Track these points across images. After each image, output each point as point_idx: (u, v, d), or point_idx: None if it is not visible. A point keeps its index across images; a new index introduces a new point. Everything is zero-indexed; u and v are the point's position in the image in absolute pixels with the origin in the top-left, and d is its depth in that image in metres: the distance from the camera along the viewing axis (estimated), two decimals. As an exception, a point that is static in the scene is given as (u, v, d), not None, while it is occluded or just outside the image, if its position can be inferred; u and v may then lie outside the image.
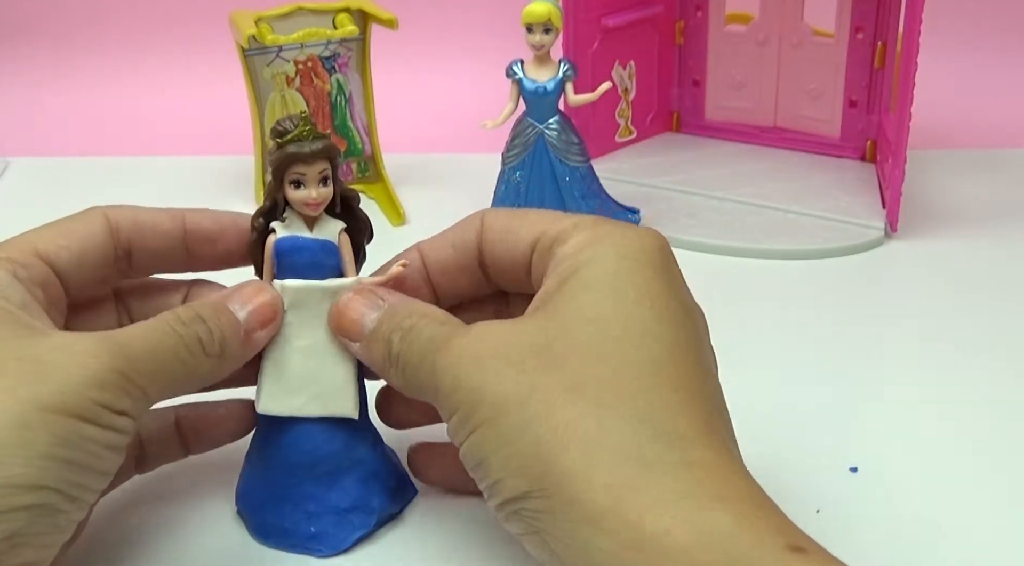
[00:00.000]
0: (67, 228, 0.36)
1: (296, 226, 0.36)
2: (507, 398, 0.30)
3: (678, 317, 0.32)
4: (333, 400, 0.37)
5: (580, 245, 0.34)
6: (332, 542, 0.37)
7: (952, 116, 0.80)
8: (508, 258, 0.36)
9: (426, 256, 0.38)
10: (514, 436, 0.30)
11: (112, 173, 0.75)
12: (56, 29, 1.02)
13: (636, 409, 0.30)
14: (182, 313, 0.34)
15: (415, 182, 0.70)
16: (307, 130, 0.35)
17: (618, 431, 0.29)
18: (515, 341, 0.31)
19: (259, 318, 0.35)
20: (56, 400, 0.30)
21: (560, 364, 0.31)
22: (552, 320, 0.32)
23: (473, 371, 0.31)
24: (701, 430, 0.30)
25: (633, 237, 0.34)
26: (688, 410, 0.30)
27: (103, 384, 0.31)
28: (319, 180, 0.35)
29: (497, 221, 0.37)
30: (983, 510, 0.39)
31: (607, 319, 0.31)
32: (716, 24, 0.73)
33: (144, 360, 0.32)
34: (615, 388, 0.30)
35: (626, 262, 0.33)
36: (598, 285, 0.32)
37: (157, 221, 0.37)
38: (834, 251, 0.60)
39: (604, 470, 0.28)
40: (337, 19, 0.66)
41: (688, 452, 0.29)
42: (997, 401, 0.46)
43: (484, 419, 0.30)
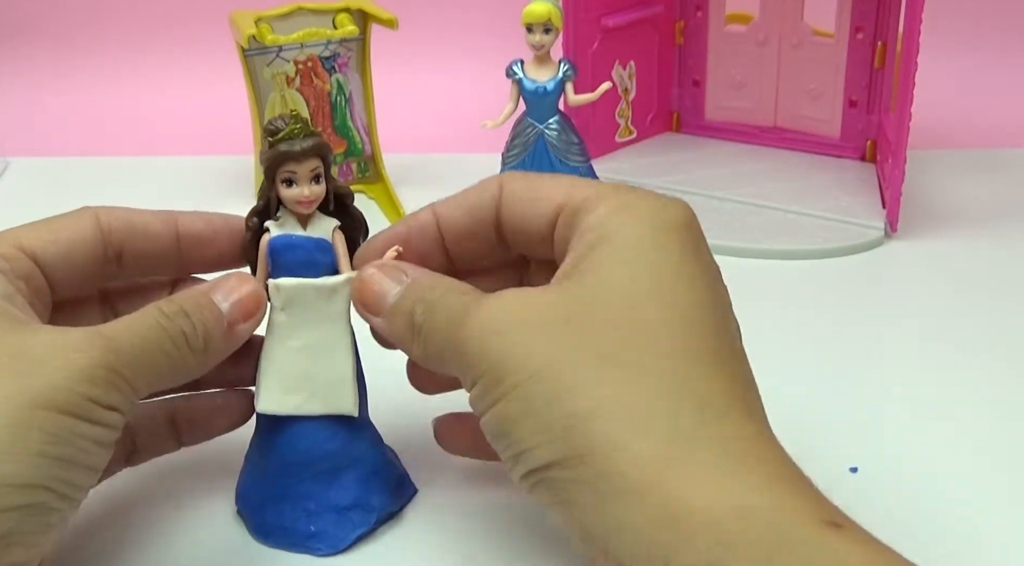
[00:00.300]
0: (55, 225, 0.36)
1: (290, 225, 0.36)
2: (539, 368, 0.29)
3: (709, 289, 0.32)
4: (332, 398, 0.37)
5: (607, 214, 0.33)
6: (332, 541, 0.37)
7: (952, 116, 0.80)
8: (529, 225, 0.35)
9: (440, 219, 0.37)
10: (544, 406, 0.29)
11: (112, 173, 0.75)
12: (56, 29, 1.02)
13: (674, 381, 0.29)
14: (165, 307, 0.34)
15: (415, 182, 0.70)
16: (298, 128, 0.35)
17: (655, 403, 0.28)
18: (544, 309, 0.31)
19: (242, 310, 0.35)
20: (47, 397, 0.29)
21: (593, 333, 0.30)
22: (582, 288, 0.31)
23: (500, 340, 0.30)
24: (738, 404, 0.29)
25: (661, 207, 0.33)
26: (724, 384, 0.30)
27: (93, 379, 0.30)
28: (311, 178, 0.35)
29: (517, 186, 0.36)
30: (983, 510, 0.39)
31: (639, 289, 0.31)
32: (716, 24, 0.73)
33: (131, 354, 0.32)
34: (652, 361, 0.29)
35: (658, 232, 0.32)
36: (629, 255, 0.32)
37: (149, 223, 0.37)
38: (834, 251, 0.60)
39: (640, 443, 0.28)
40: (337, 19, 0.66)
41: (726, 426, 0.29)
42: (997, 401, 0.46)
43: (512, 388, 0.30)
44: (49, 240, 0.35)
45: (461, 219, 0.36)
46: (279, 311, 0.36)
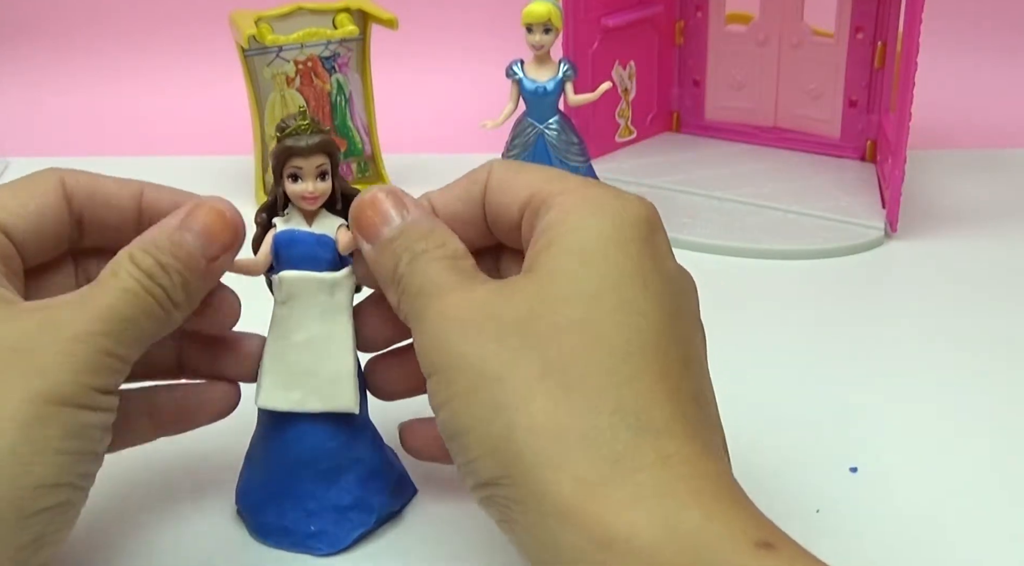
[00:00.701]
0: (22, 194, 0.35)
1: (295, 221, 0.37)
2: (484, 373, 0.29)
3: (667, 297, 0.31)
4: (333, 394, 0.37)
5: (570, 208, 0.32)
6: (332, 540, 0.37)
7: (952, 116, 0.80)
8: (503, 214, 0.35)
9: (436, 208, 0.37)
10: (489, 416, 0.29)
11: (112, 173, 0.74)
12: (56, 29, 1.02)
13: (614, 399, 0.28)
14: (142, 262, 0.32)
15: (415, 182, 0.70)
16: (305, 124, 0.35)
17: (593, 422, 0.28)
18: (501, 311, 0.30)
19: (219, 244, 0.34)
20: (57, 393, 0.29)
21: (542, 343, 0.29)
22: (541, 288, 0.31)
23: (457, 337, 0.30)
24: (680, 422, 0.29)
25: (622, 205, 0.32)
26: (669, 401, 0.29)
27: (93, 367, 0.30)
28: (316, 174, 0.36)
29: (500, 174, 0.35)
30: (983, 510, 0.39)
31: (596, 294, 0.30)
32: (716, 24, 0.73)
33: (123, 329, 0.31)
34: (595, 374, 0.29)
35: (619, 232, 0.31)
36: (589, 255, 0.31)
37: (112, 194, 0.36)
38: (834, 251, 0.60)
39: (575, 463, 0.28)
40: (337, 19, 0.66)
41: (664, 446, 0.28)
42: (997, 401, 0.46)
43: (461, 390, 0.30)
44: (19, 213, 0.34)
45: (454, 206, 0.36)
46: (281, 305, 0.36)
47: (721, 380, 0.34)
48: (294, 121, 0.35)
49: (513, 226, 0.35)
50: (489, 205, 0.35)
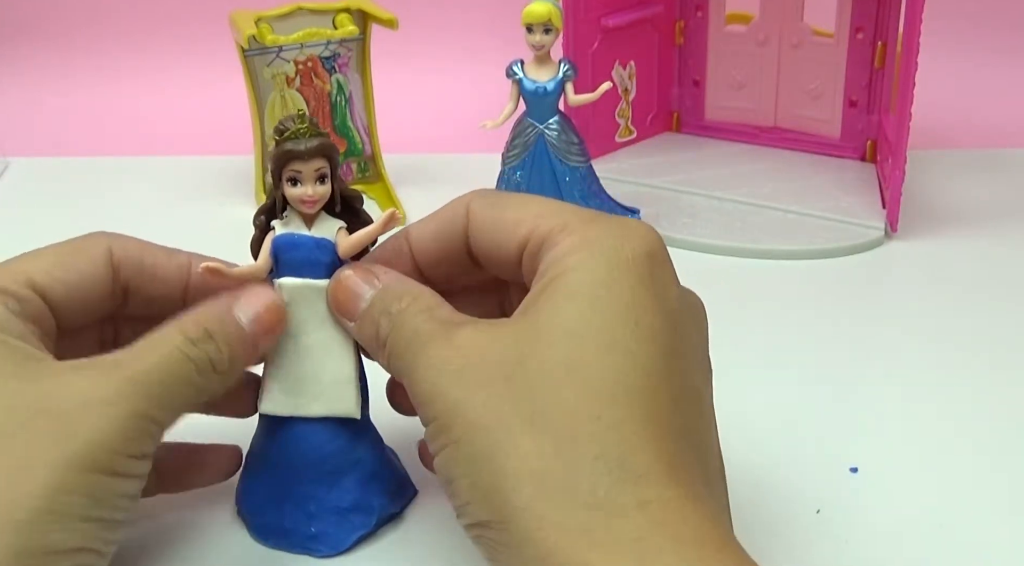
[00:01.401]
0: (67, 259, 0.35)
1: (295, 224, 0.36)
2: (474, 423, 0.30)
3: (663, 335, 0.31)
4: (334, 399, 0.37)
5: (567, 250, 0.32)
6: (332, 542, 0.37)
7: (952, 116, 0.80)
8: (498, 253, 0.35)
9: (412, 243, 0.37)
10: (479, 463, 0.29)
11: (112, 173, 0.75)
12: (56, 29, 1.02)
13: (598, 444, 0.28)
14: (190, 330, 0.33)
15: (415, 182, 0.70)
16: (304, 128, 0.35)
17: (575, 468, 0.28)
18: (489, 355, 0.31)
19: (265, 327, 0.35)
20: (87, 459, 0.30)
21: (528, 388, 0.30)
22: (530, 331, 0.31)
23: (450, 385, 0.31)
24: (664, 467, 0.28)
25: (622, 242, 0.32)
26: (654, 444, 0.29)
27: (128, 434, 0.31)
28: (316, 178, 0.35)
29: (484, 213, 0.35)
30: (983, 510, 0.39)
31: (585, 336, 0.30)
32: (716, 24, 0.73)
33: (160, 394, 0.32)
34: (580, 420, 0.29)
35: (613, 272, 0.31)
36: (579, 296, 0.31)
37: (160, 265, 0.36)
38: (834, 251, 0.60)
39: (556, 510, 0.28)
40: (337, 19, 0.66)
41: (646, 491, 0.28)
42: (997, 401, 0.46)
43: (455, 439, 0.30)
44: (60, 278, 0.34)
45: (432, 244, 0.36)
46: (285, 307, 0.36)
47: (721, 380, 0.34)
48: (292, 124, 0.35)
49: (512, 264, 0.35)
50: (478, 245, 0.36)
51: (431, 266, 0.37)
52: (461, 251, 0.36)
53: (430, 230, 0.37)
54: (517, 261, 0.35)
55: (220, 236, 0.39)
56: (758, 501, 0.31)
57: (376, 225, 0.36)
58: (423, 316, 0.33)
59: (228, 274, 0.35)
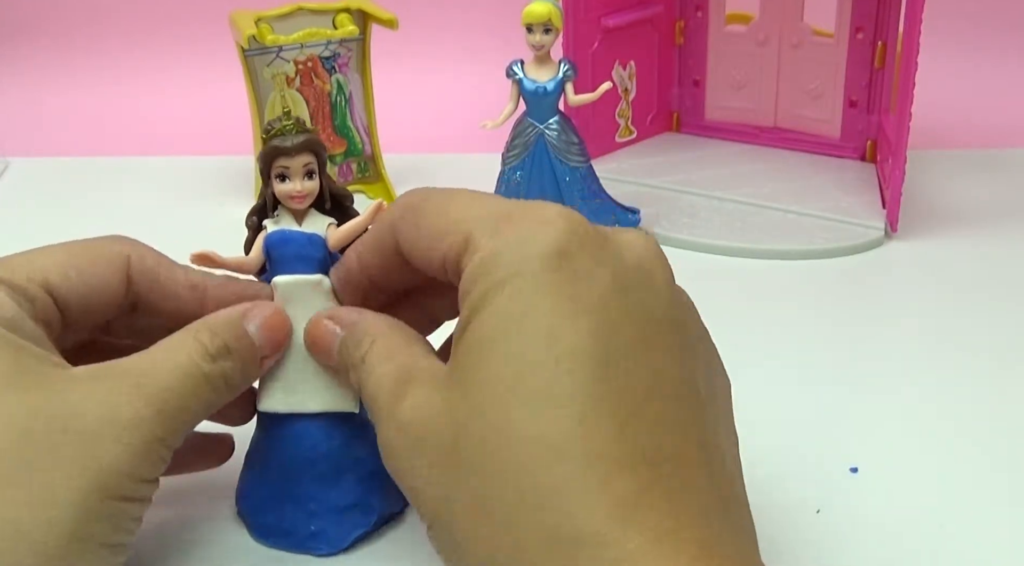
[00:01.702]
0: (84, 262, 0.34)
1: (286, 221, 0.37)
2: (433, 511, 0.29)
3: (587, 352, 0.27)
4: (333, 395, 0.37)
5: (472, 276, 0.29)
6: (332, 541, 0.37)
7: (952, 116, 0.80)
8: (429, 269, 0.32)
9: (360, 260, 0.36)
10: (442, 543, 0.29)
11: (112, 173, 0.75)
12: (56, 29, 1.02)
13: (543, 516, 0.26)
14: (209, 344, 0.33)
15: (415, 182, 0.70)
16: (290, 125, 0.36)
17: (532, 548, 0.26)
18: (430, 435, 0.29)
19: (273, 344, 0.35)
20: (109, 485, 0.29)
21: (469, 467, 0.27)
22: (459, 394, 0.28)
23: (403, 468, 0.30)
24: (620, 518, 0.25)
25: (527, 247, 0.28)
26: (603, 496, 0.26)
27: (143, 459, 0.30)
28: (304, 173, 0.36)
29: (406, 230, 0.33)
30: (983, 510, 0.39)
31: (506, 397, 0.27)
32: (716, 24, 0.73)
33: (175, 417, 0.31)
34: (522, 493, 0.26)
35: (521, 295, 0.28)
36: (495, 346, 0.28)
37: (176, 283, 0.36)
38: (834, 251, 0.60)
39: None
40: (337, 19, 0.66)
41: (605, 554, 0.25)
42: (997, 401, 0.46)
43: (425, 522, 0.29)
44: (75, 282, 0.34)
45: (374, 259, 0.35)
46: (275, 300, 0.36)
47: (721, 380, 0.34)
48: (279, 122, 0.36)
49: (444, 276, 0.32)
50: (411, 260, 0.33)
51: (381, 278, 0.36)
52: (398, 260, 0.34)
53: (368, 246, 0.35)
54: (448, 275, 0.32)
55: (220, 236, 0.39)
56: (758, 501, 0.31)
57: (364, 216, 0.36)
58: (380, 370, 0.31)
59: (219, 261, 0.36)
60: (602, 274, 0.28)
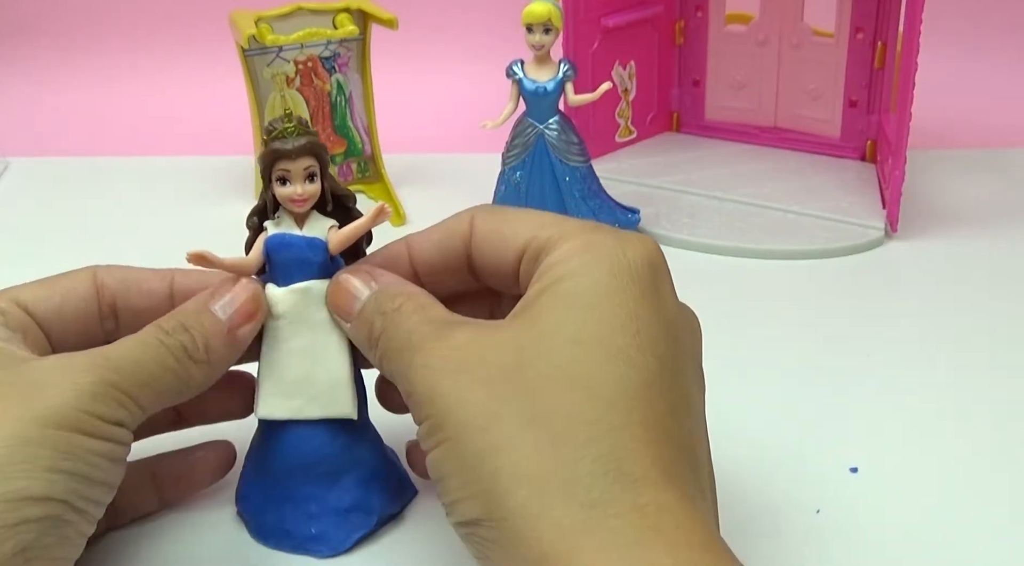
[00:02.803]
0: (53, 282, 0.37)
1: (286, 224, 0.36)
2: (470, 422, 0.30)
3: (662, 344, 0.31)
4: (331, 401, 0.37)
5: (568, 254, 0.32)
6: (333, 543, 0.37)
7: (952, 116, 0.80)
8: (496, 264, 0.35)
9: (413, 251, 0.37)
10: (473, 461, 0.29)
11: (112, 173, 0.75)
12: (56, 29, 1.02)
13: (597, 447, 0.29)
14: (164, 323, 0.34)
15: (415, 182, 0.70)
16: (291, 127, 0.35)
17: (573, 470, 0.28)
18: (489, 356, 0.31)
19: (242, 315, 0.35)
20: (52, 415, 0.30)
21: (528, 390, 0.30)
22: (530, 335, 0.31)
23: (445, 385, 0.31)
24: (660, 471, 0.29)
25: (623, 250, 0.32)
26: (651, 450, 0.29)
27: (95, 396, 0.31)
28: (305, 176, 0.35)
29: (486, 225, 0.36)
30: (983, 510, 0.39)
31: (586, 342, 0.30)
32: (716, 24, 0.73)
33: (132, 371, 0.32)
34: (579, 423, 0.29)
35: (615, 280, 0.31)
36: (581, 302, 0.31)
37: (144, 280, 0.37)
38: (834, 251, 0.60)
39: (552, 510, 0.28)
40: (337, 19, 0.66)
41: (643, 495, 0.28)
42: (997, 401, 0.46)
43: (448, 437, 0.30)
44: (43, 296, 0.36)
45: (433, 254, 0.37)
46: (276, 315, 0.36)
47: (722, 380, 0.34)
48: (280, 124, 0.35)
49: (509, 274, 0.35)
50: (479, 256, 0.36)
51: (429, 275, 0.37)
52: (461, 262, 0.36)
53: (433, 240, 0.37)
54: (515, 270, 0.35)
55: (220, 236, 0.39)
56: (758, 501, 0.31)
57: (366, 218, 0.36)
58: (417, 316, 0.33)
59: (216, 261, 0.35)
60: (674, 300, 0.33)
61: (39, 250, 0.63)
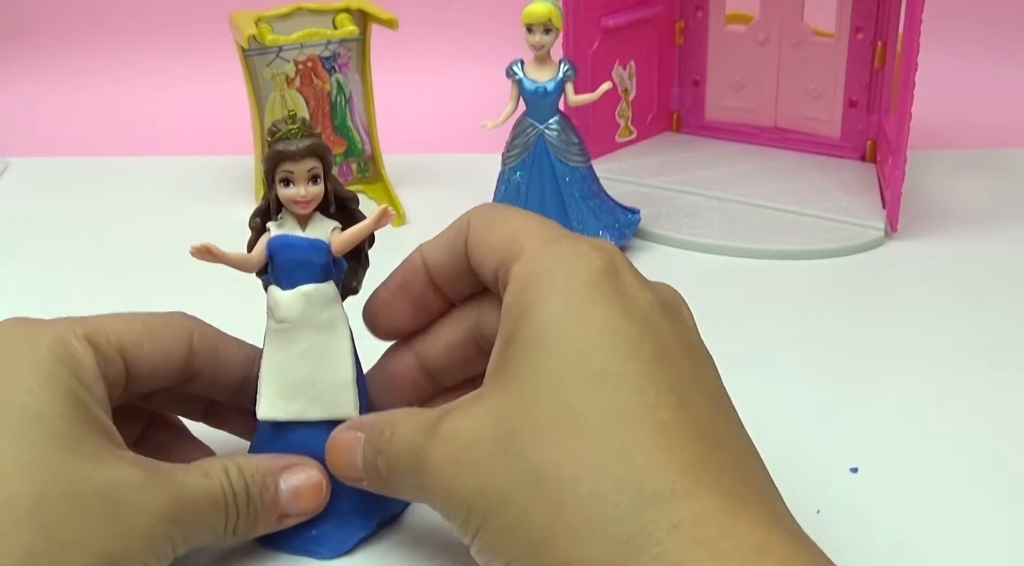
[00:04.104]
0: (156, 334, 0.36)
1: (289, 225, 0.36)
2: (489, 504, 0.30)
3: (644, 344, 0.30)
4: (333, 402, 0.37)
5: (522, 285, 0.32)
6: (334, 544, 0.37)
7: (952, 116, 0.80)
8: (482, 273, 0.35)
9: (427, 263, 0.37)
10: (507, 535, 0.29)
11: (112, 173, 0.75)
12: (56, 29, 1.02)
13: (612, 478, 0.28)
14: (236, 483, 0.34)
15: (415, 182, 0.70)
16: (295, 128, 0.35)
17: (597, 509, 0.27)
18: (481, 437, 0.30)
19: (298, 507, 0.36)
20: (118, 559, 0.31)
21: (529, 452, 0.29)
22: (512, 396, 0.30)
23: (454, 479, 0.31)
24: (693, 479, 0.28)
25: (576, 265, 0.32)
26: (672, 458, 0.28)
27: (153, 548, 0.32)
28: (308, 178, 0.35)
29: (476, 230, 0.35)
30: (983, 510, 0.39)
31: (564, 380, 0.30)
32: (716, 24, 0.73)
33: (192, 530, 0.33)
34: (587, 462, 0.28)
35: (574, 300, 0.31)
36: (550, 339, 0.30)
37: (231, 358, 0.38)
38: (834, 251, 0.60)
39: (593, 554, 0.27)
40: (337, 19, 0.66)
41: (675, 512, 0.27)
42: (997, 401, 0.46)
43: (481, 523, 0.30)
44: (147, 352, 0.36)
45: (444, 260, 0.37)
46: (279, 318, 0.36)
47: (721, 381, 0.34)
48: (284, 125, 0.35)
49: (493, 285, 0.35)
50: (471, 261, 0.36)
51: (446, 282, 0.37)
52: (465, 265, 0.36)
53: (442, 245, 0.37)
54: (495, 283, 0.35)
55: (220, 236, 0.39)
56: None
57: (368, 221, 0.36)
58: (407, 431, 0.33)
59: (219, 255, 0.35)
60: (645, 294, 0.32)
61: (39, 250, 0.63)
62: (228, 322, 0.39)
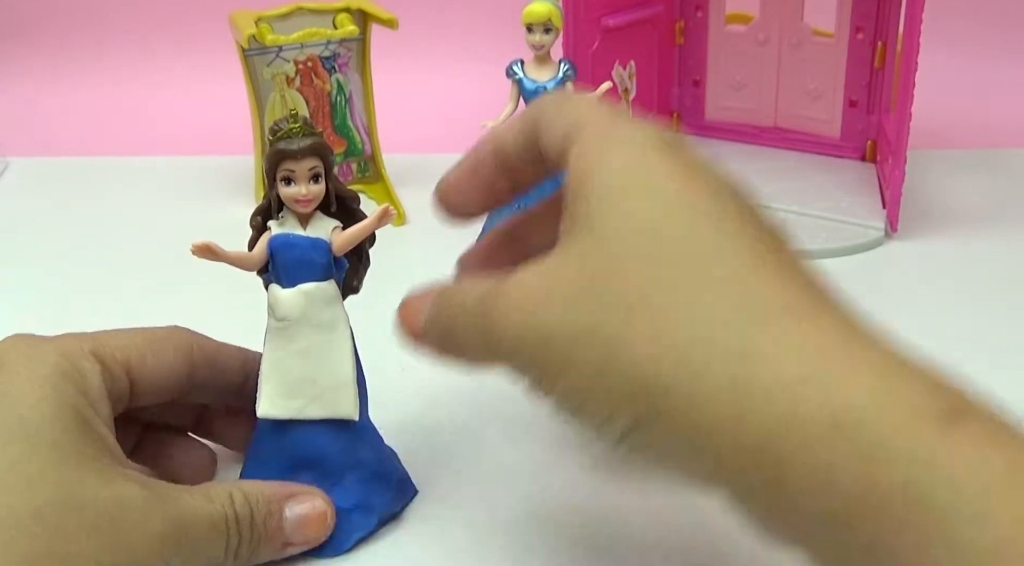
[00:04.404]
0: (159, 349, 0.36)
1: (290, 224, 0.37)
2: (577, 339, 0.27)
3: (726, 189, 0.29)
4: (333, 401, 0.37)
5: (592, 145, 0.30)
6: (333, 543, 0.37)
7: (952, 116, 0.80)
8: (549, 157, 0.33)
9: (498, 144, 0.35)
10: (602, 371, 0.27)
11: (112, 173, 0.75)
12: (56, 29, 1.02)
13: (725, 295, 0.26)
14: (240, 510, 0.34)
15: (415, 182, 0.70)
16: (296, 127, 0.35)
17: (709, 326, 0.26)
18: (561, 277, 0.28)
19: (303, 536, 0.36)
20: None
21: (617, 284, 0.27)
22: (592, 236, 0.29)
23: (531, 324, 0.28)
24: (806, 298, 0.26)
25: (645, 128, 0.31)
26: (783, 282, 0.27)
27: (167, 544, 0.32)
28: (309, 177, 0.36)
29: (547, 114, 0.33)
30: (983, 510, 0.39)
31: (653, 216, 0.28)
32: (716, 24, 0.73)
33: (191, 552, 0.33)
34: (694, 284, 0.27)
35: (647, 148, 0.30)
36: (630, 181, 0.29)
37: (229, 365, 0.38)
38: (834, 251, 0.60)
39: (706, 374, 0.25)
40: (337, 19, 0.66)
41: (798, 325, 0.26)
42: (997, 401, 0.46)
43: (563, 367, 0.28)
44: (151, 368, 0.36)
45: (516, 142, 0.34)
46: (280, 316, 0.36)
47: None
48: (286, 124, 0.35)
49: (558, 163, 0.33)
50: (541, 141, 0.33)
51: (515, 167, 0.35)
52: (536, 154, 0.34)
53: (512, 129, 0.35)
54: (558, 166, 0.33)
55: (220, 236, 0.39)
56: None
57: (370, 220, 0.36)
58: (479, 285, 0.31)
59: (220, 253, 0.35)
60: (704, 162, 0.31)
61: (39, 250, 0.63)
62: (228, 322, 0.39)
